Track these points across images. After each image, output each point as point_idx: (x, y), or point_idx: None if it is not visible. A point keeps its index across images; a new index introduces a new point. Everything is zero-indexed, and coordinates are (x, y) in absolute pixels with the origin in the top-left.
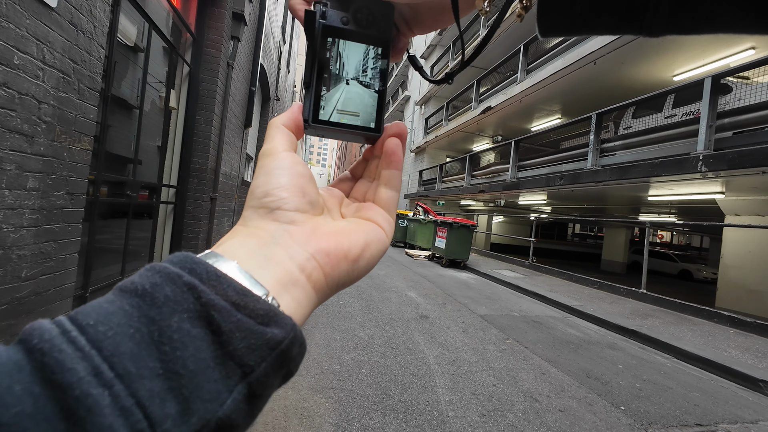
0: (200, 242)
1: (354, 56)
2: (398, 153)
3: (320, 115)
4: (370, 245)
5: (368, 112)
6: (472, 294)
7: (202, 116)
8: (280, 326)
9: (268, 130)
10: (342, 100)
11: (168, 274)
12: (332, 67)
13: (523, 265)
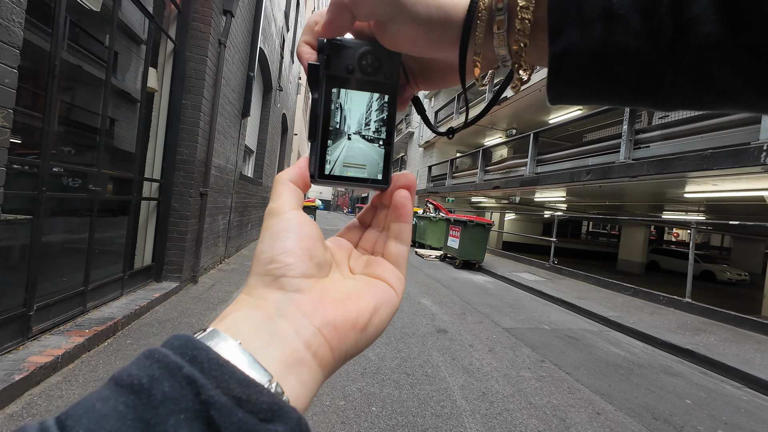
0: (188, 243)
1: (360, 106)
2: (408, 206)
3: (326, 169)
4: (380, 309)
5: (375, 164)
6: (493, 301)
7: (190, 100)
8: (284, 421)
9: (274, 187)
10: (348, 153)
11: (167, 364)
12: (338, 118)
13: (543, 267)
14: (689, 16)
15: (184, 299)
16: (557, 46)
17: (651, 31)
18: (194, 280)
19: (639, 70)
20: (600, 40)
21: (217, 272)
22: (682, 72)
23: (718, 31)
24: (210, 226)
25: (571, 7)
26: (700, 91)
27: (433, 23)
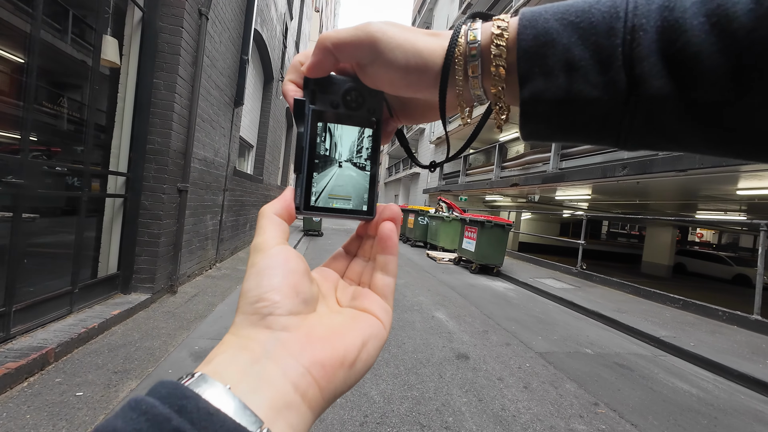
0: (162, 247)
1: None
2: (393, 238)
3: (312, 201)
4: (367, 344)
5: (360, 195)
6: (518, 315)
7: (162, 79)
8: None
9: (259, 221)
10: (333, 184)
11: (155, 416)
12: (323, 150)
13: (569, 273)
14: (641, 71)
15: (155, 315)
16: (526, 92)
17: (608, 82)
18: (172, 290)
19: (599, 115)
20: (563, 88)
21: (204, 279)
22: (637, 119)
23: (665, 86)
24: (194, 227)
25: (537, 58)
26: (654, 137)
27: (410, 69)
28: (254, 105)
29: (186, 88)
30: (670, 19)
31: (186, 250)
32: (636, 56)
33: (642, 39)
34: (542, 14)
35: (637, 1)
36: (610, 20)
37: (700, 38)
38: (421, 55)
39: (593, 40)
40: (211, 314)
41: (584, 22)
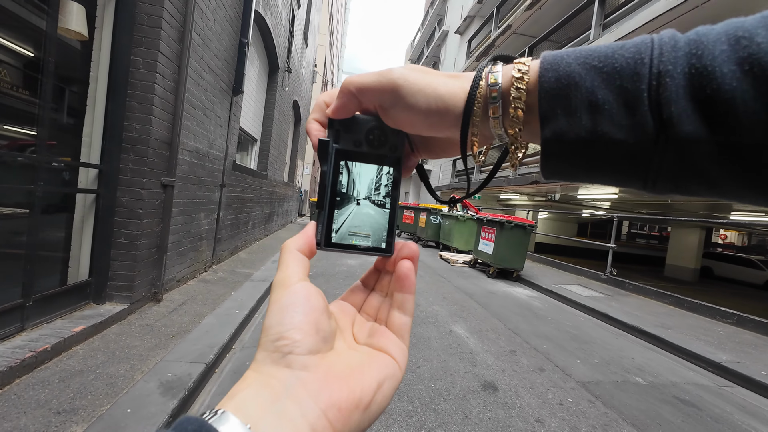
0: (142, 250)
1: (366, 176)
2: (411, 277)
3: (333, 238)
4: (383, 385)
5: (379, 233)
6: (547, 329)
7: (141, 56)
8: None
9: (282, 255)
10: (354, 222)
11: None
12: (344, 188)
13: (596, 278)
14: (669, 114)
15: (129, 330)
16: (548, 132)
17: (635, 124)
18: (156, 297)
19: (625, 157)
20: (588, 129)
21: (196, 284)
22: (666, 162)
23: (697, 130)
24: (184, 227)
25: (560, 98)
26: (686, 179)
27: (431, 112)
28: (258, 96)
29: (171, 68)
30: (698, 66)
31: (174, 252)
32: (664, 100)
33: (669, 84)
34: (564, 58)
35: (663, 48)
36: (634, 66)
37: (731, 85)
38: (443, 99)
39: (617, 84)
40: (196, 328)
41: (608, 67)
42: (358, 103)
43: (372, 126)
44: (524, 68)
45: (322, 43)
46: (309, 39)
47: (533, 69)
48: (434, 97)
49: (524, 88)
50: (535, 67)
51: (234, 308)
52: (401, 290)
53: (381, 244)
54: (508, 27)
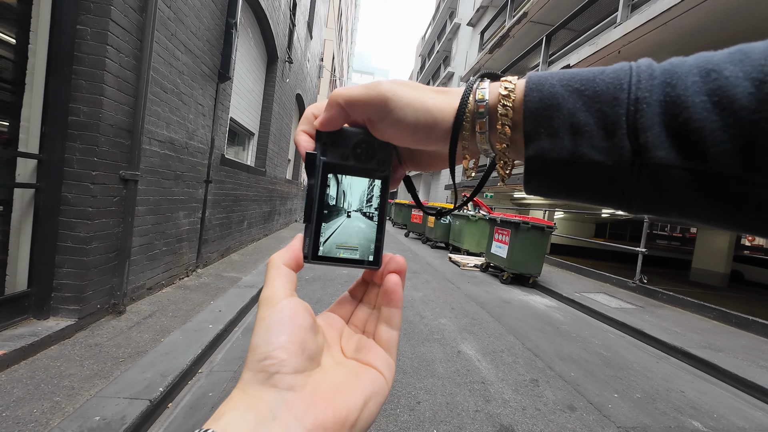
0: (94, 256)
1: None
2: (398, 292)
3: (320, 251)
4: (369, 402)
5: (367, 246)
6: (574, 350)
7: (89, 25)
8: None
9: (268, 271)
10: (341, 234)
11: None
12: (332, 201)
13: (622, 286)
14: (645, 140)
15: (71, 351)
16: (531, 150)
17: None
18: (116, 309)
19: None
20: (568, 150)
21: (173, 291)
22: (641, 184)
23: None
24: (157, 227)
25: (543, 119)
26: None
27: (419, 126)
28: (255, 87)
29: (129, 41)
30: (672, 95)
31: (143, 256)
32: (640, 126)
33: (645, 111)
34: (548, 79)
35: (640, 76)
36: (614, 91)
37: (701, 115)
38: (431, 113)
39: (597, 108)
40: (154, 348)
41: (589, 90)
42: (346, 116)
43: (360, 139)
44: (510, 86)
45: (330, 38)
46: (314, 31)
47: (519, 88)
48: (423, 111)
49: (510, 105)
50: (521, 86)
51: (208, 321)
52: (388, 305)
53: (368, 257)
54: (523, 15)
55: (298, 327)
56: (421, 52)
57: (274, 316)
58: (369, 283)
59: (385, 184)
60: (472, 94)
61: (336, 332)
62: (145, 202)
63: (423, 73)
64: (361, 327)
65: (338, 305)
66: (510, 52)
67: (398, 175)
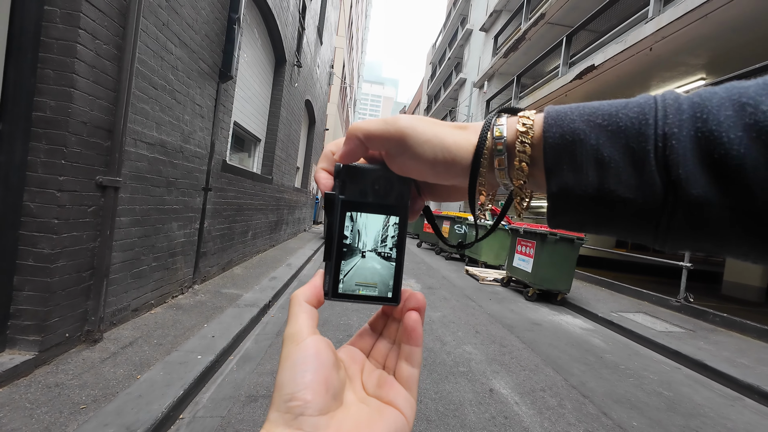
0: (60, 276)
1: (373, 227)
2: (418, 330)
3: (340, 288)
4: None
5: (385, 282)
6: (628, 388)
7: (58, 5)
8: None
9: (291, 307)
10: (361, 272)
11: None
12: (352, 239)
13: (664, 304)
14: (677, 176)
15: (22, 396)
16: (554, 186)
17: (642, 183)
18: (91, 338)
19: (634, 214)
20: (594, 186)
21: (164, 311)
22: (675, 221)
23: (707, 193)
24: (144, 241)
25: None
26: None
27: (438, 162)
28: (262, 90)
29: (109, 26)
30: (704, 130)
31: (127, 273)
32: (671, 162)
33: (676, 146)
34: (568, 114)
35: (667, 110)
36: (639, 126)
37: (739, 151)
38: (449, 150)
39: (623, 143)
40: (126, 390)
41: (612, 125)
42: (365, 149)
43: (378, 175)
44: (528, 122)
45: (340, 46)
46: (324, 37)
47: (537, 123)
48: (441, 147)
49: (529, 142)
50: (539, 122)
51: (197, 351)
52: (408, 342)
53: (387, 294)
54: (541, 17)
55: (322, 364)
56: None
57: (299, 354)
58: (389, 316)
59: (403, 219)
60: (490, 131)
61: (357, 366)
62: (129, 212)
63: (434, 81)
64: (382, 361)
65: (359, 338)
66: (526, 56)
67: (417, 207)
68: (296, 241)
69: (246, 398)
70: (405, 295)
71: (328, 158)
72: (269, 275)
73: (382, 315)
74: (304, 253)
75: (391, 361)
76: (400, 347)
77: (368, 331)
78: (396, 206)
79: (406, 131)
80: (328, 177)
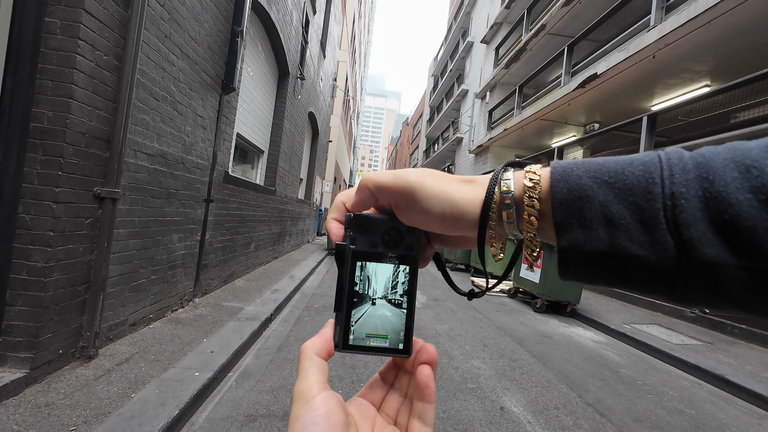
0: (53, 290)
1: (383, 276)
2: (431, 386)
3: (350, 340)
4: None
5: (397, 333)
6: (647, 406)
7: (59, 17)
8: None
9: (300, 362)
10: (371, 320)
11: None
12: (362, 289)
13: (678, 315)
14: (690, 236)
15: (15, 414)
16: (564, 242)
17: (654, 241)
18: (85, 354)
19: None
20: (605, 242)
21: (162, 325)
22: (693, 281)
23: (721, 254)
24: (143, 253)
25: (574, 210)
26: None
27: (446, 217)
28: (265, 103)
29: (109, 38)
30: (711, 191)
31: (124, 287)
32: (681, 221)
33: (685, 207)
34: (574, 170)
35: (672, 169)
36: (645, 184)
37: (750, 213)
38: (457, 206)
39: (631, 200)
40: (117, 410)
41: (619, 183)
42: (375, 200)
43: (388, 227)
44: (535, 177)
45: (343, 59)
46: (327, 50)
47: (544, 178)
48: (448, 203)
49: (537, 197)
50: (546, 177)
51: (195, 367)
52: (421, 399)
53: (398, 345)
54: (541, 27)
55: (333, 426)
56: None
57: (309, 415)
58: (400, 367)
59: (413, 270)
60: (498, 186)
61: (368, 423)
62: (127, 224)
63: (436, 92)
64: (393, 416)
65: (369, 390)
66: (528, 66)
67: (427, 254)
68: (299, 252)
69: (245, 418)
70: (416, 346)
71: (339, 209)
72: (271, 287)
73: (393, 365)
74: (308, 265)
75: (402, 416)
76: (413, 403)
77: (379, 382)
78: (406, 256)
79: (414, 186)
80: (339, 227)
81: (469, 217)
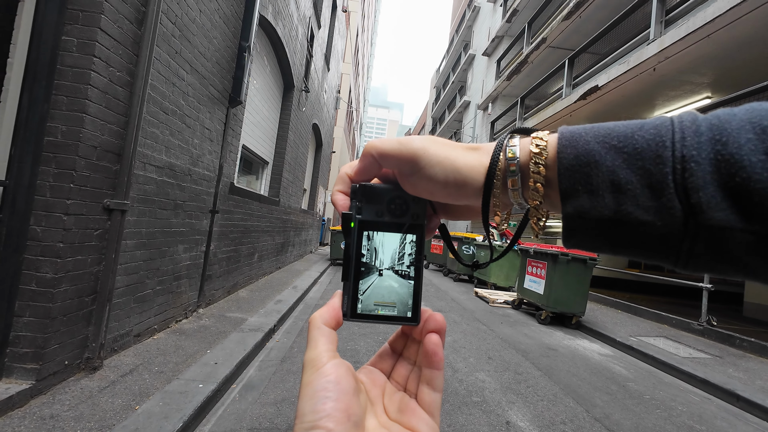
0: (60, 302)
1: (390, 246)
2: (439, 353)
3: (359, 309)
4: None
5: (405, 302)
6: (657, 423)
7: (75, 35)
8: None
9: (310, 331)
10: (379, 291)
11: None
12: (369, 259)
13: (685, 328)
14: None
15: (20, 427)
16: (569, 208)
17: (661, 206)
18: (90, 365)
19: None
20: (611, 208)
21: (166, 336)
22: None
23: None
24: (149, 264)
25: (580, 176)
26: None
27: (449, 184)
28: (270, 115)
29: (123, 54)
30: (724, 153)
31: (130, 297)
32: (690, 185)
33: (695, 170)
34: (582, 135)
35: (684, 132)
36: (656, 148)
37: (762, 176)
38: (461, 173)
39: (639, 165)
40: (122, 423)
41: (628, 147)
42: (378, 167)
43: (393, 195)
44: (542, 144)
45: (347, 72)
46: (332, 63)
47: (551, 144)
48: (452, 170)
49: (543, 163)
50: (553, 143)
51: (199, 379)
52: (429, 366)
53: (407, 313)
54: (542, 41)
55: (343, 391)
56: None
57: (319, 381)
58: (408, 336)
59: (420, 237)
60: (503, 152)
61: (378, 389)
62: (135, 235)
63: (438, 104)
64: (403, 384)
65: (379, 359)
66: (529, 78)
67: (433, 225)
68: (302, 263)
69: (248, 431)
70: (425, 315)
71: (344, 180)
72: (275, 298)
73: (402, 335)
74: (311, 275)
75: (412, 383)
76: (421, 370)
77: (388, 351)
78: (412, 225)
79: (418, 152)
80: (344, 198)
81: (473, 185)
